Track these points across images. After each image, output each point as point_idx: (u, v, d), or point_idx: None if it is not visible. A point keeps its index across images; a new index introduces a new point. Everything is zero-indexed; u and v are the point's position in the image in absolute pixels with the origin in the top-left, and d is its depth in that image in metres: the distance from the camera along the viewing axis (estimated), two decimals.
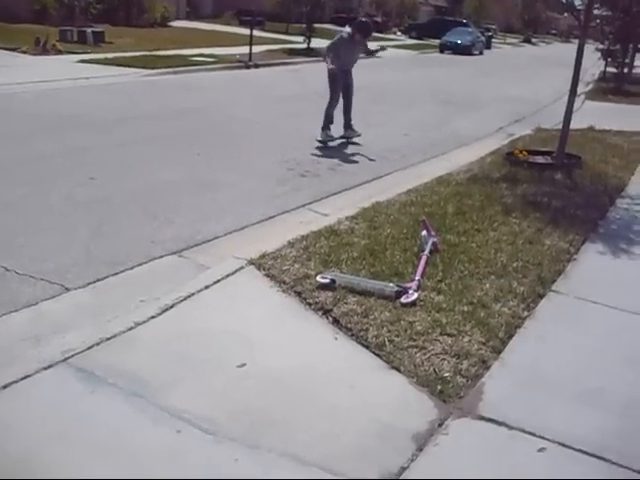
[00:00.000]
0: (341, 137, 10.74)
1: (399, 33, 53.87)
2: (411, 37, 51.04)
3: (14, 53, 20.64)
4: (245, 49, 22.61)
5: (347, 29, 10.52)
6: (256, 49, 23.18)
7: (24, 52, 20.75)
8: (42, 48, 21.18)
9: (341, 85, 10.50)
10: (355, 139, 10.83)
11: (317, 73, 22.00)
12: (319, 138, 10.34)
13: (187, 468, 3.11)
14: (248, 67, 21.49)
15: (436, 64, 30.69)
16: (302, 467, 3.14)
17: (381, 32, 50.38)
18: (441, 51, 40.57)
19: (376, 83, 18.90)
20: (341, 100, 10.64)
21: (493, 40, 52.41)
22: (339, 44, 10.41)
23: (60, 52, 21.31)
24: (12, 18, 26.85)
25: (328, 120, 10.46)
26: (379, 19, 54.74)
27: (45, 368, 3.82)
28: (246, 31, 24.74)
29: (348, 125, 10.89)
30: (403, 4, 61.26)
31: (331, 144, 10.40)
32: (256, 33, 24.05)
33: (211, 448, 3.25)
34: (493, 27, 62.39)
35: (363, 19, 11.34)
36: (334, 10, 50.57)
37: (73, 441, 3.27)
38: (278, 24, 40.01)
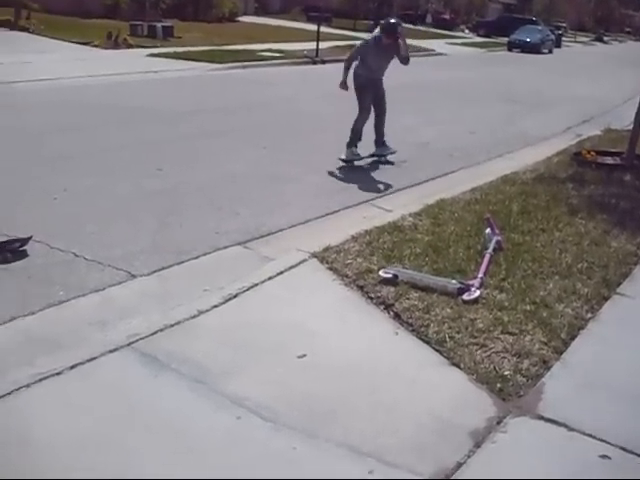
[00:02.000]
0: (372, 155, 9.24)
1: (467, 31, 53.25)
2: (479, 35, 50.37)
3: (87, 47, 21.10)
4: (312, 45, 22.68)
5: (376, 32, 9.01)
6: (323, 45, 23.24)
7: (96, 46, 21.19)
8: (113, 42, 21.59)
9: (370, 97, 8.97)
10: (390, 157, 9.32)
11: None
12: (343, 157, 8.90)
13: (246, 454, 3.16)
14: (315, 63, 21.57)
15: (504, 62, 30.28)
16: (359, 458, 3.15)
17: (449, 29, 49.97)
18: (509, 49, 39.96)
19: (441, 80, 18.81)
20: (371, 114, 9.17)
21: (563, 38, 51.35)
22: (364, 50, 8.92)
23: (130, 46, 21.70)
24: (86, 13, 27.60)
25: (355, 136, 8.97)
26: (447, 16, 54.29)
27: (110, 351, 3.93)
28: (313, 27, 24.79)
29: (380, 141, 9.29)
30: (472, 1, 60.59)
31: (358, 163, 9.04)
32: (323, 29, 24.06)
33: (270, 435, 3.29)
34: (563, 25, 61.11)
35: (392, 20, 9.03)
36: (401, 7, 50.41)
37: (135, 423, 3.35)
38: (345, 20, 40.00)
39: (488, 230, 5.62)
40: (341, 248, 5.37)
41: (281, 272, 5.01)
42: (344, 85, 8.90)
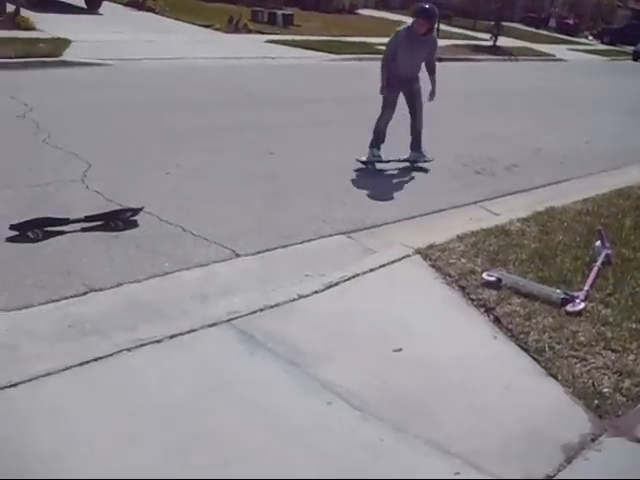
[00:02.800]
0: (404, 160, 8.29)
1: (590, 37, 51.48)
2: (603, 42, 48.56)
3: (208, 30, 21.60)
4: None
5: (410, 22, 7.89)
6: (441, 43, 22.95)
7: (217, 29, 21.64)
8: (234, 27, 21.98)
9: (396, 95, 7.97)
10: (423, 164, 8.35)
11: (502, 72, 21.66)
12: (362, 158, 8.01)
13: (333, 440, 3.18)
14: None
15: (627, 72, 29.18)
16: (445, 457, 3.14)
17: (571, 35, 48.46)
18: (635, 59, 38.42)
19: (559, 87, 18.32)
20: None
21: None
22: (395, 42, 7.79)
23: (250, 31, 22.04)
24: None
25: (376, 136, 8.09)
26: (570, 21, 52.64)
27: (209, 325, 4.03)
28: None
29: (415, 146, 8.30)
30: (599, 5, 58.31)
31: (381, 166, 8.18)
32: (442, 27, 23.77)
33: (358, 424, 3.31)
34: None
35: (426, 5, 7.69)
36: (524, 8, 49.28)
37: (227, 396, 3.43)
38: (466, 20, 39.45)
39: (598, 242, 5.45)
40: (445, 247, 5.33)
41: (383, 265, 5.02)
42: (385, 91, 7.94)
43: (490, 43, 28.26)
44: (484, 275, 4.84)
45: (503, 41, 28.32)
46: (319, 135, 9.40)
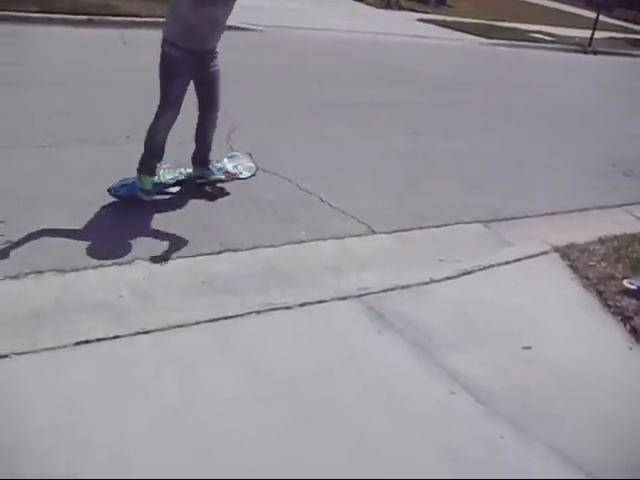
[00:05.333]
0: (184, 180, 5.55)
1: None
2: None
3: (361, 4, 21.64)
4: (586, 33, 21.58)
5: None
6: (598, 35, 22.03)
7: (369, 4, 21.65)
8: (386, 2, 21.93)
9: (186, 81, 5.09)
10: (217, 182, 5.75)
11: None
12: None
13: (452, 429, 3.15)
14: (586, 52, 20.51)
15: None
16: (566, 466, 3.04)
17: None
18: None
19: None
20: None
21: None
22: None
23: (402, 8, 21.90)
24: None
25: (149, 151, 5.19)
26: None
27: (340, 299, 4.06)
28: (591, 14, 23.56)
29: (201, 158, 5.59)
30: None
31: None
32: (602, 18, 22.75)
33: (480, 418, 3.26)
34: None
35: None
36: None
37: (351, 372, 3.44)
38: (631, 12, 37.46)
39: None
40: (586, 248, 5.13)
41: (519, 259, 4.89)
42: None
43: None
44: (624, 282, 4.63)
45: None
46: (465, 119, 9.23)
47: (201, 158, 5.63)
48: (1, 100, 4.99)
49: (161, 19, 5.66)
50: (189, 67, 5.07)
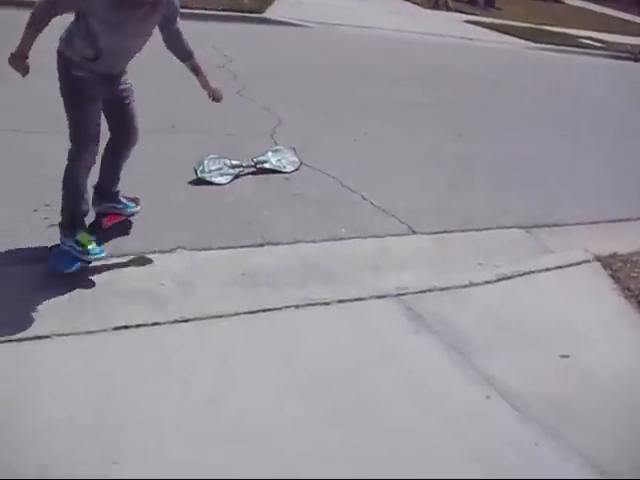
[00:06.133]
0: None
1: None
2: None
3: (408, 3, 21.63)
4: (638, 40, 21.26)
5: None
6: None
7: (417, 4, 21.62)
8: (434, 3, 21.85)
9: (96, 108, 3.96)
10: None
11: None
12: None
13: (486, 434, 3.14)
14: (636, 60, 20.19)
15: None
16: (600, 474, 3.01)
17: None
18: None
19: None
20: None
21: None
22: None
23: (450, 9, 21.79)
24: None
25: (69, 204, 4.09)
26: None
27: (378, 297, 4.08)
28: None
29: (109, 191, 4.49)
30: None
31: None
32: None
33: (515, 424, 3.24)
34: None
35: None
36: None
37: (386, 370, 3.45)
38: None
39: None
40: (629, 259, 5.07)
41: (560, 267, 4.85)
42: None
43: None
44: None
45: None
46: (510, 122, 9.17)
47: (107, 189, 4.48)
48: (38, 87, 5.02)
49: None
50: (100, 87, 3.92)
